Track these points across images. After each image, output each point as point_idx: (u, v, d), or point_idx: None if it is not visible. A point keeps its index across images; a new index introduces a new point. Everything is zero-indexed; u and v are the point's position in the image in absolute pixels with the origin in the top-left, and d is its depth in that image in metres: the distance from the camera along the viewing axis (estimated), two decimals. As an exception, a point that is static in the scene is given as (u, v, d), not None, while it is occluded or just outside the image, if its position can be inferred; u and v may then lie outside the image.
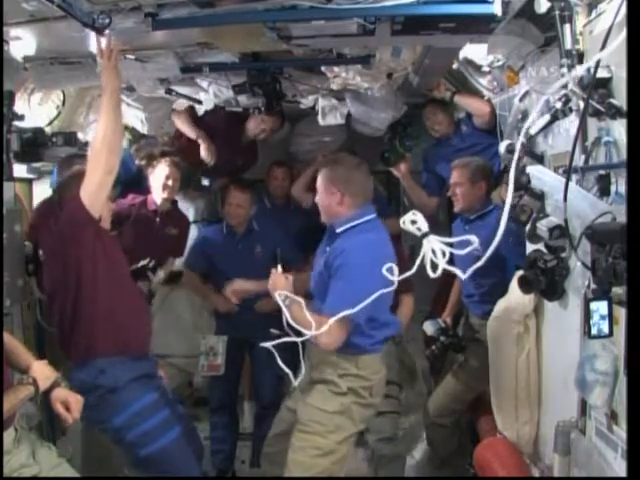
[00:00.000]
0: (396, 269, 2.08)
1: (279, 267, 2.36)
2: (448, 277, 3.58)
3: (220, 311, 3.57)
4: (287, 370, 2.19)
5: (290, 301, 2.18)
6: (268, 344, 2.13)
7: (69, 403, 1.95)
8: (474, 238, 1.96)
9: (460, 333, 3.13)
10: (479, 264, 1.72)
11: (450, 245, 1.90)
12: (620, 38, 1.49)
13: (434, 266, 1.88)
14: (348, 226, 2.26)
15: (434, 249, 1.89)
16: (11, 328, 2.39)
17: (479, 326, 2.90)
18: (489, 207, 2.90)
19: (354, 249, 2.18)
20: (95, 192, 2.16)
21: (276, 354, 2.15)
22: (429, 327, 3.10)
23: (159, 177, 3.38)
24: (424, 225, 2.00)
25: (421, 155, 3.78)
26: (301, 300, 2.16)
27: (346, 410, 2.25)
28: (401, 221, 2.04)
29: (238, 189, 3.47)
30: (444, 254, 1.88)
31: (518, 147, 1.63)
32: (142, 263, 2.94)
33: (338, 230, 2.28)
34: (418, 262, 1.89)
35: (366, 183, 2.36)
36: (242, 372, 3.68)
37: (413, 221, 2.00)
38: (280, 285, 2.26)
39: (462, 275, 1.80)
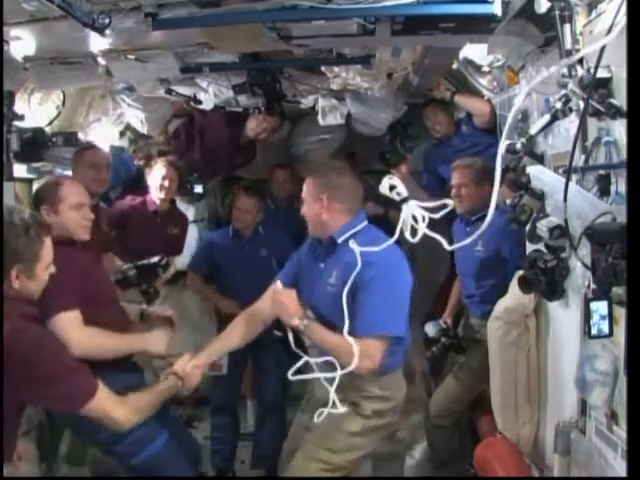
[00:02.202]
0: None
1: (278, 282, 2.13)
2: (449, 277, 3.60)
3: (223, 313, 3.58)
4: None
5: (309, 323, 2.02)
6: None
7: (19, 453, 1.95)
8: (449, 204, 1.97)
9: (460, 334, 3.13)
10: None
11: (429, 210, 1.88)
12: (608, 38, 1.50)
13: (414, 232, 1.87)
14: (348, 234, 2.09)
15: (414, 215, 1.87)
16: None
17: (479, 326, 2.90)
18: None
19: (383, 260, 2.00)
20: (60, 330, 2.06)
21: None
22: (430, 328, 3.10)
23: (156, 177, 3.39)
24: (403, 190, 1.96)
25: (421, 155, 3.77)
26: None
27: (366, 431, 2.15)
28: (380, 187, 1.99)
29: (246, 194, 3.52)
30: (424, 219, 1.86)
31: (503, 146, 1.62)
32: (154, 260, 2.89)
33: (339, 240, 2.10)
34: (399, 229, 1.87)
35: (354, 189, 2.18)
36: (244, 373, 3.69)
37: (392, 186, 1.96)
38: (292, 304, 2.03)
39: (447, 246, 1.76)
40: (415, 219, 1.87)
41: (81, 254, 2.31)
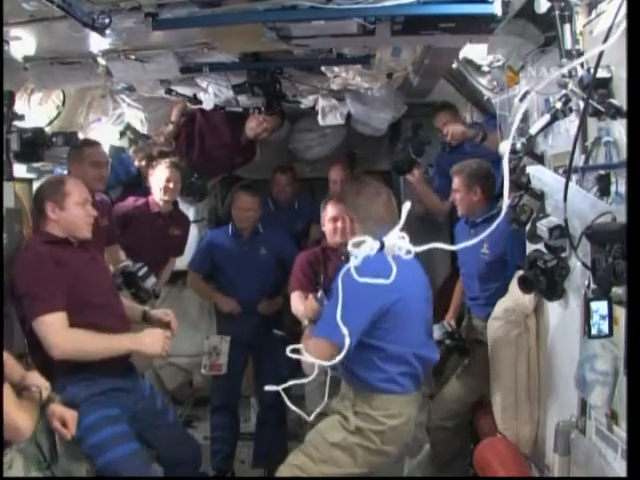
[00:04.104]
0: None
1: (320, 292, 2.43)
2: (447, 279, 3.60)
3: (223, 312, 3.59)
4: (298, 410, 2.15)
5: (307, 327, 2.23)
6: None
7: (65, 419, 1.94)
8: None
9: (463, 335, 3.12)
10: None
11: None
12: (610, 42, 1.50)
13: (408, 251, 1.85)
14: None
15: (396, 244, 1.87)
16: (11, 329, 2.38)
17: (482, 328, 2.88)
18: (494, 210, 2.87)
19: (351, 270, 2.07)
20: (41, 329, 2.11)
21: (285, 397, 2.06)
22: (436, 331, 3.07)
23: (159, 179, 3.39)
24: (374, 243, 1.96)
25: (431, 159, 3.76)
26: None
27: (349, 448, 2.14)
28: (353, 257, 2.02)
29: (246, 194, 3.55)
30: (403, 237, 1.86)
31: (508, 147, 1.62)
32: (134, 268, 2.87)
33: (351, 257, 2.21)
34: (392, 262, 1.87)
35: (379, 208, 2.24)
36: (244, 373, 3.69)
37: (369, 248, 1.96)
38: (310, 308, 2.34)
39: (449, 247, 1.74)
40: (400, 244, 1.87)
41: (76, 254, 2.32)
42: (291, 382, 2.05)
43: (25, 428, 1.71)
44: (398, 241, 1.85)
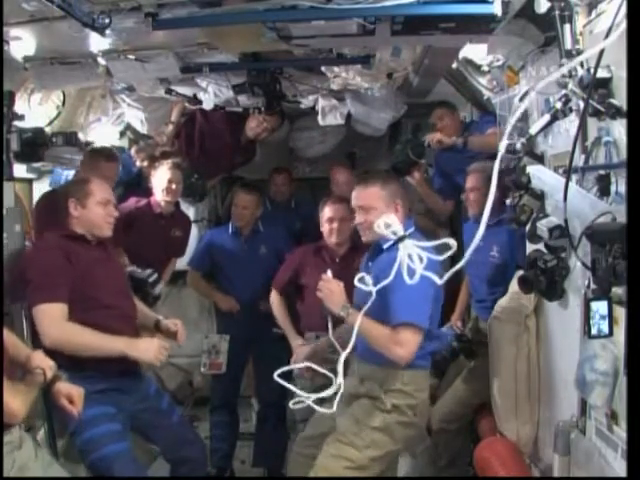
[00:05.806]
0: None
1: (329, 272, 2.17)
2: (453, 282, 3.57)
3: (223, 310, 3.59)
4: (321, 409, 2.10)
5: (352, 312, 2.06)
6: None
7: (72, 396, 1.93)
8: None
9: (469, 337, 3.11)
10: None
11: (432, 248, 1.87)
12: (609, 40, 1.50)
13: (411, 272, 1.84)
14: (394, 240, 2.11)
15: (410, 254, 1.86)
16: (11, 328, 2.38)
17: (488, 331, 2.88)
18: (505, 214, 2.84)
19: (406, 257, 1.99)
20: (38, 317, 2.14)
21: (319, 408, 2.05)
22: None
23: (161, 180, 3.38)
24: (399, 228, 1.98)
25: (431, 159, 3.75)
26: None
27: (387, 427, 2.19)
28: (375, 225, 2.05)
29: (244, 192, 3.56)
30: (421, 259, 1.85)
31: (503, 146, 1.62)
32: (144, 274, 2.88)
33: (385, 246, 2.19)
34: (395, 268, 1.86)
35: (406, 195, 2.34)
36: (244, 372, 3.69)
37: (387, 224, 1.98)
38: (338, 294, 2.10)
39: (439, 280, 1.76)
40: (411, 258, 1.85)
41: (91, 252, 2.34)
42: (322, 393, 2.04)
43: (17, 410, 1.71)
44: (413, 252, 1.85)
